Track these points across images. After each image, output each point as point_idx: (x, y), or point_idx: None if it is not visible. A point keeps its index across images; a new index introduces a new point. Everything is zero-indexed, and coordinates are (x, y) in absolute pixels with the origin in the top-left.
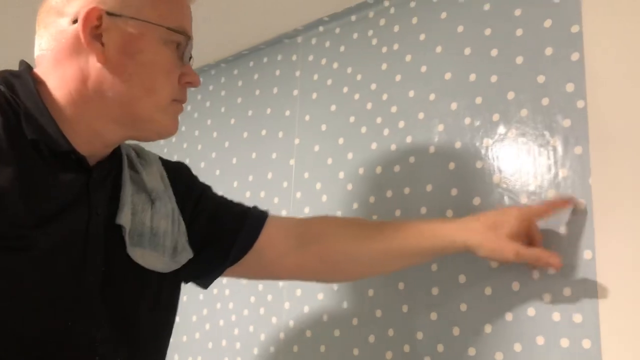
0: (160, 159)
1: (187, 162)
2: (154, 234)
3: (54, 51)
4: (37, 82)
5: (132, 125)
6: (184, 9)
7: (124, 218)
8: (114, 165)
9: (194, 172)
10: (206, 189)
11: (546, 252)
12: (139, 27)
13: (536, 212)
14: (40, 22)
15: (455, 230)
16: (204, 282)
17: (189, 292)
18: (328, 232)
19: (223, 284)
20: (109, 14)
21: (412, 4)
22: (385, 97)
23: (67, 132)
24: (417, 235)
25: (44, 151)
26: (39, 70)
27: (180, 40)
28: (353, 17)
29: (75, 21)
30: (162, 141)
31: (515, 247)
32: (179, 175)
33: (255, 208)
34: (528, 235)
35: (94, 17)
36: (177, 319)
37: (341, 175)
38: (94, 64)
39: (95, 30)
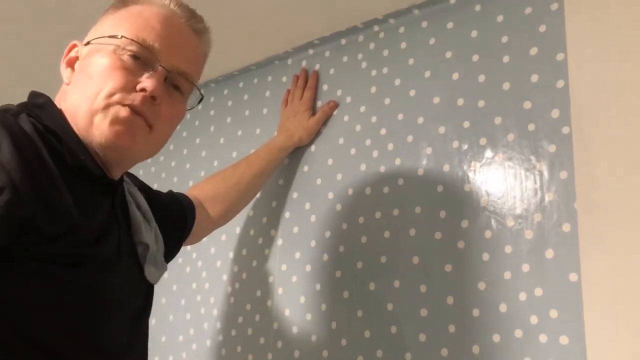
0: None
1: (174, 180)
2: (153, 252)
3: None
4: (61, 111)
5: (89, 144)
6: (150, 23)
7: (147, 237)
8: (121, 187)
9: (183, 190)
10: (151, 189)
11: (325, 105)
12: (97, 46)
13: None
14: None
15: (282, 142)
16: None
17: (176, 310)
18: (216, 188)
19: (211, 304)
20: (84, 44)
21: (401, 30)
22: (374, 119)
23: (94, 156)
24: (257, 158)
25: (82, 176)
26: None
27: (133, 49)
28: (343, 41)
29: None
30: (149, 160)
31: (314, 119)
32: (144, 190)
33: (176, 193)
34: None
35: (71, 49)
36: (163, 338)
37: (330, 195)
38: (66, 89)
39: (74, 61)
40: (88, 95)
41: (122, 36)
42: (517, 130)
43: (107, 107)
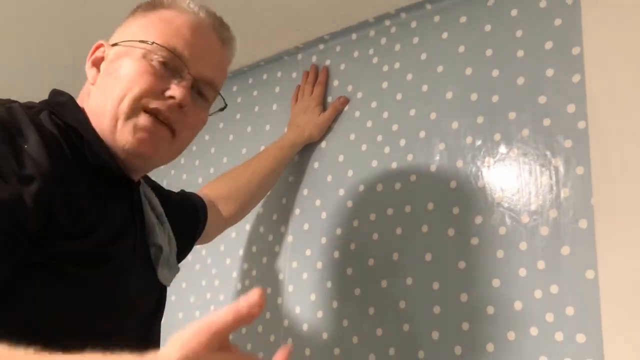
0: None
1: (183, 177)
2: (166, 254)
3: (86, 85)
4: (83, 110)
5: (112, 144)
6: (180, 31)
7: (161, 239)
8: (138, 189)
9: (193, 188)
10: (163, 189)
11: (336, 100)
12: (126, 49)
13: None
14: None
15: (292, 138)
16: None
17: (185, 308)
18: (227, 186)
19: (220, 301)
20: (111, 45)
21: (413, 24)
22: (386, 115)
23: (115, 157)
24: (268, 156)
25: (101, 175)
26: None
27: (164, 55)
28: (354, 36)
29: None
30: None
31: (325, 116)
32: (157, 190)
33: (188, 193)
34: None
35: (98, 49)
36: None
37: (341, 192)
38: (90, 88)
39: (100, 61)
40: (114, 97)
41: (153, 42)
42: (532, 125)
43: (131, 111)
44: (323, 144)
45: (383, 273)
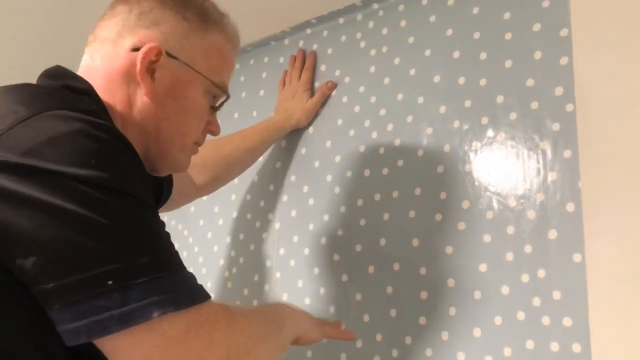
0: None
1: None
2: None
3: (107, 69)
4: (105, 104)
5: (154, 158)
6: (230, 66)
7: None
8: None
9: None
10: None
11: (323, 85)
12: (189, 74)
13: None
14: (98, 36)
15: (280, 121)
16: None
17: None
18: (206, 155)
19: (208, 288)
20: (168, 54)
21: (401, 7)
22: (373, 100)
23: None
24: (253, 134)
25: None
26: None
27: (218, 94)
28: (341, 20)
29: (134, 49)
30: None
31: (312, 101)
32: None
33: None
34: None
35: (154, 53)
36: None
37: (329, 178)
38: (141, 96)
39: (151, 64)
40: (180, 130)
41: (216, 84)
42: (519, 108)
43: (191, 145)
44: (310, 130)
45: (370, 259)
